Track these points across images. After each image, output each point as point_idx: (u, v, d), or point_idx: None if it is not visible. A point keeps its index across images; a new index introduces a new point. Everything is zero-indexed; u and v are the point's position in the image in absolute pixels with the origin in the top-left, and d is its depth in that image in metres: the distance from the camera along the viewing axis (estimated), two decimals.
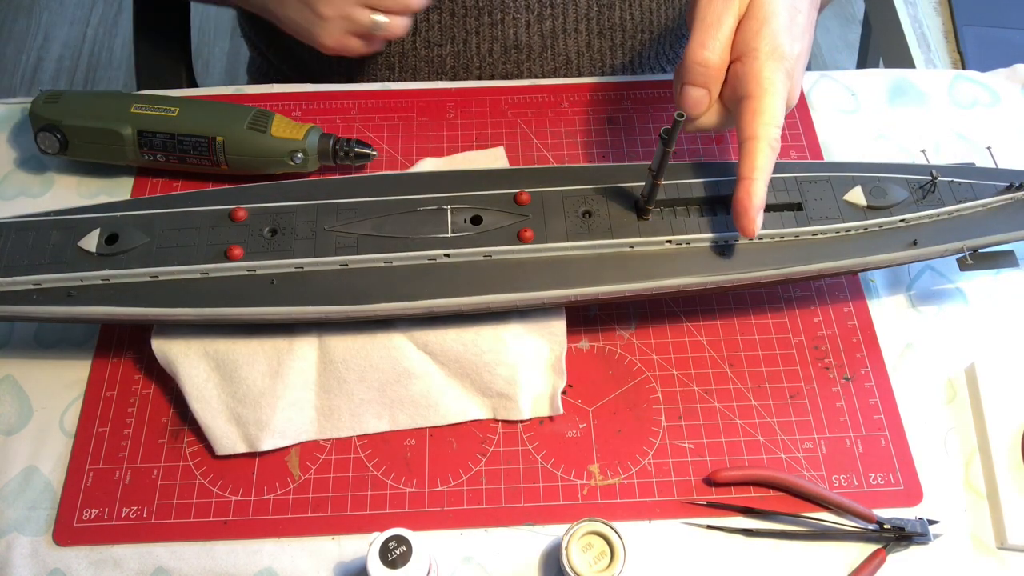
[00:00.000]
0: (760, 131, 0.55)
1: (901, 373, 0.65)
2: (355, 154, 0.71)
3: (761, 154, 0.55)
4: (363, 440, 0.62)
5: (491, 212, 0.60)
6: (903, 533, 0.58)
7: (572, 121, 0.78)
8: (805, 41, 0.60)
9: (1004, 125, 0.78)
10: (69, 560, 0.58)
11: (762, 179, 0.55)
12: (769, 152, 0.55)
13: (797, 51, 0.58)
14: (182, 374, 0.61)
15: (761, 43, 0.56)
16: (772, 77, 0.55)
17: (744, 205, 0.55)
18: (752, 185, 0.54)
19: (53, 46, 2.04)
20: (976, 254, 0.64)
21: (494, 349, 0.62)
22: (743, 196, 0.55)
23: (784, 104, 0.56)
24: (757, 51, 0.56)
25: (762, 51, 0.56)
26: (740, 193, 0.55)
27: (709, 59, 0.57)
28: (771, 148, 0.55)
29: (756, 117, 0.55)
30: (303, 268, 0.58)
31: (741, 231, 0.56)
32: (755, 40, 0.56)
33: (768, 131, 0.55)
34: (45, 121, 0.70)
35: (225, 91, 0.81)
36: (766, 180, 0.55)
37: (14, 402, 0.64)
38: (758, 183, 0.55)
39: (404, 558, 0.50)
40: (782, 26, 0.57)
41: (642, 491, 0.60)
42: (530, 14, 0.82)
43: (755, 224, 0.55)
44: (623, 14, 0.85)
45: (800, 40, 0.58)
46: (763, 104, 0.55)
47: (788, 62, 0.56)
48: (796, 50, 0.58)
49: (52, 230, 0.59)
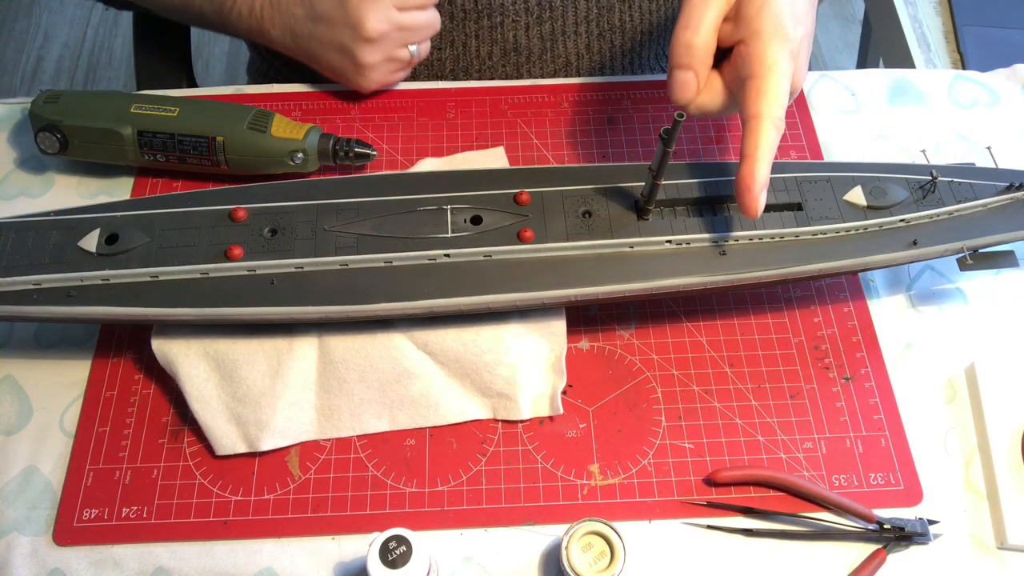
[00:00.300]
0: (764, 110, 0.54)
1: (901, 373, 0.65)
2: (355, 154, 0.71)
3: (764, 133, 0.54)
4: (363, 440, 0.62)
5: (491, 212, 0.60)
6: (903, 533, 0.58)
7: (572, 121, 0.78)
8: (808, 24, 0.59)
9: (1004, 125, 0.78)
10: (69, 560, 0.58)
11: (765, 158, 0.54)
12: (772, 131, 0.54)
13: (800, 33, 0.57)
14: (182, 374, 0.61)
15: (763, 23, 0.55)
16: (776, 57, 0.55)
17: (747, 183, 0.54)
18: (755, 164, 0.54)
19: (53, 46, 2.04)
20: (976, 254, 0.64)
21: (494, 349, 0.62)
22: (746, 174, 0.54)
23: (788, 85, 0.55)
24: (760, 32, 0.55)
25: (765, 31, 0.55)
26: (743, 171, 0.54)
27: (693, 40, 0.57)
28: (775, 127, 0.54)
29: (760, 96, 0.54)
30: (303, 268, 0.58)
31: (744, 210, 0.55)
32: (757, 21, 0.56)
33: (772, 110, 0.54)
34: (45, 121, 0.70)
35: (225, 91, 0.81)
36: (769, 160, 0.54)
37: (14, 402, 0.64)
38: (761, 162, 0.54)
39: (404, 558, 0.50)
40: (784, 7, 0.56)
41: (642, 491, 0.60)
42: (529, 17, 0.82)
43: (758, 203, 0.55)
44: (622, 16, 0.84)
45: (803, 23, 0.58)
46: (767, 84, 0.54)
47: (792, 43, 0.56)
48: (799, 32, 0.57)
49: (52, 230, 0.59)
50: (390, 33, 0.72)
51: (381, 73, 0.75)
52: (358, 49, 0.72)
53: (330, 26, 0.72)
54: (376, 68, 0.74)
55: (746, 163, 0.54)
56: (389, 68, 0.75)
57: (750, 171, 0.54)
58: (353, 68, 0.74)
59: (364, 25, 0.70)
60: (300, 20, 0.74)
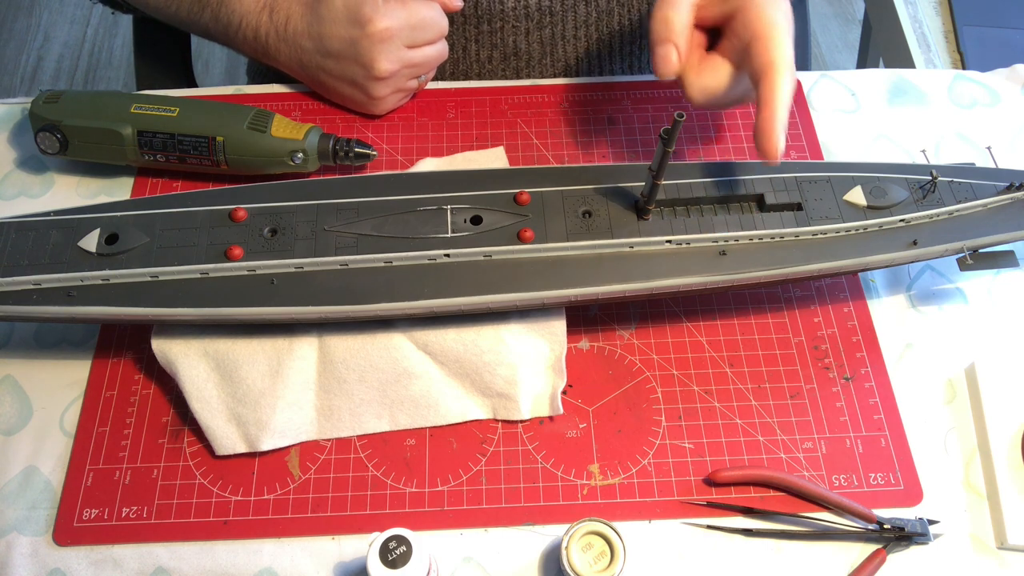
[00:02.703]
0: (776, 59, 0.55)
1: (901, 373, 0.65)
2: (355, 154, 0.71)
3: (780, 78, 0.55)
4: (363, 440, 0.62)
5: (491, 212, 0.60)
6: (903, 533, 0.58)
7: (572, 121, 0.78)
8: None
9: (1004, 125, 0.78)
10: (69, 560, 0.58)
11: (783, 103, 0.55)
12: (788, 76, 0.55)
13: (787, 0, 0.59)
14: (182, 374, 0.61)
15: None
16: (774, 15, 0.57)
17: (767, 128, 0.55)
18: (774, 109, 0.55)
19: (53, 46, 2.04)
20: (976, 254, 0.64)
21: (494, 349, 0.62)
22: (766, 119, 0.55)
23: (791, 42, 0.56)
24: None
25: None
26: (763, 116, 0.55)
27: (670, 15, 0.59)
28: (789, 73, 0.55)
29: (770, 48, 0.56)
30: (303, 268, 0.58)
31: (764, 154, 0.56)
32: None
33: (784, 59, 0.55)
34: (45, 121, 0.70)
35: (225, 91, 0.81)
36: (787, 105, 0.55)
37: (14, 402, 0.64)
38: (779, 107, 0.55)
39: (404, 558, 0.50)
40: None
41: (642, 491, 0.60)
42: (529, 22, 0.82)
43: (778, 146, 0.55)
44: (621, 20, 0.84)
45: None
46: (773, 38, 0.56)
47: (784, 6, 0.58)
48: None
49: (52, 230, 0.59)
50: (400, 71, 0.73)
51: (390, 103, 0.76)
52: (370, 86, 0.73)
53: (340, 62, 0.73)
54: (386, 99, 0.75)
55: (766, 108, 0.55)
56: (397, 97, 0.76)
57: (770, 115, 0.55)
58: (364, 99, 0.75)
59: (375, 66, 0.71)
60: (308, 53, 0.74)
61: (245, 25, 0.75)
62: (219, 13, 0.75)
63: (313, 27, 0.72)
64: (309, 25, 0.72)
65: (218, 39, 0.78)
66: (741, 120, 0.78)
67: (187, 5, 0.77)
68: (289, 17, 0.73)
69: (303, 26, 0.73)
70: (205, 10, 0.76)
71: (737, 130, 0.78)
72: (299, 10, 0.73)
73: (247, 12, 0.74)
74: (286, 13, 0.73)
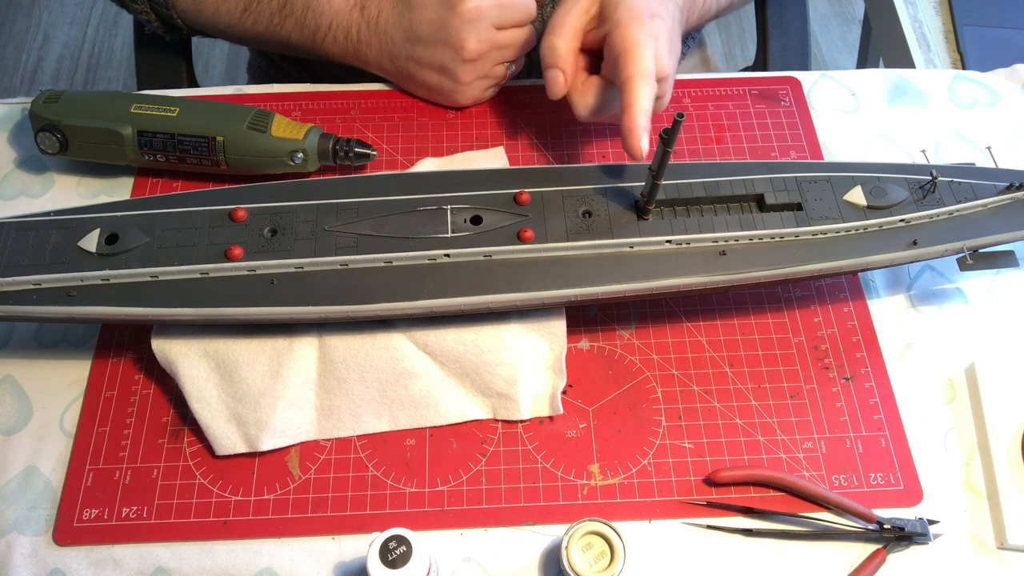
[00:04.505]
0: (634, 71, 0.61)
1: (901, 373, 0.65)
2: (355, 154, 0.71)
3: (637, 87, 0.61)
4: (363, 440, 0.62)
5: (491, 212, 0.60)
6: (903, 533, 0.58)
7: (572, 121, 0.78)
8: (665, 18, 0.66)
9: (1004, 125, 0.78)
10: (69, 560, 0.58)
11: (643, 109, 0.61)
12: (644, 86, 0.61)
13: (658, 24, 0.64)
14: (182, 374, 0.61)
15: (621, 14, 0.63)
16: (636, 35, 0.62)
17: (629, 129, 0.61)
18: (634, 113, 0.61)
19: (53, 46, 2.04)
20: (976, 254, 0.64)
21: (494, 349, 0.62)
22: (628, 122, 0.61)
23: (652, 56, 0.62)
24: (619, 20, 0.63)
25: (623, 19, 0.63)
26: (625, 120, 0.61)
27: (556, 43, 0.66)
28: (646, 83, 0.61)
29: (629, 62, 0.62)
30: (303, 268, 0.58)
31: (629, 151, 0.61)
32: (616, 13, 0.64)
33: (641, 71, 0.61)
34: (45, 121, 0.69)
35: (225, 91, 0.81)
36: (646, 111, 0.61)
37: (14, 402, 0.64)
38: (639, 112, 0.61)
39: (404, 558, 0.50)
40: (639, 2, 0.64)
41: (642, 491, 0.60)
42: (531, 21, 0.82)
43: (641, 146, 0.61)
44: None
45: (658, 15, 0.65)
46: (633, 53, 0.62)
47: (649, 27, 0.63)
48: (656, 22, 0.64)
49: (52, 230, 0.59)
50: (489, 52, 0.73)
51: (477, 89, 0.77)
52: (458, 69, 0.74)
53: (429, 47, 0.73)
54: (473, 85, 0.76)
55: (627, 113, 0.61)
56: (484, 84, 0.77)
57: (632, 119, 0.61)
58: (452, 86, 0.76)
59: (465, 46, 0.72)
60: (398, 43, 0.75)
61: (335, 26, 0.76)
62: (305, 20, 0.76)
63: (404, 16, 0.74)
64: (400, 15, 0.74)
65: (301, 47, 0.79)
66: (741, 120, 0.78)
67: (265, 20, 0.78)
68: (381, 10, 0.75)
69: (394, 17, 0.74)
70: (287, 20, 0.77)
71: (737, 130, 0.78)
72: (390, 2, 0.75)
73: (337, 12, 0.75)
74: (377, 7, 0.75)
